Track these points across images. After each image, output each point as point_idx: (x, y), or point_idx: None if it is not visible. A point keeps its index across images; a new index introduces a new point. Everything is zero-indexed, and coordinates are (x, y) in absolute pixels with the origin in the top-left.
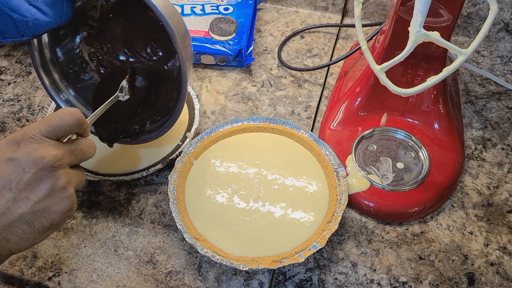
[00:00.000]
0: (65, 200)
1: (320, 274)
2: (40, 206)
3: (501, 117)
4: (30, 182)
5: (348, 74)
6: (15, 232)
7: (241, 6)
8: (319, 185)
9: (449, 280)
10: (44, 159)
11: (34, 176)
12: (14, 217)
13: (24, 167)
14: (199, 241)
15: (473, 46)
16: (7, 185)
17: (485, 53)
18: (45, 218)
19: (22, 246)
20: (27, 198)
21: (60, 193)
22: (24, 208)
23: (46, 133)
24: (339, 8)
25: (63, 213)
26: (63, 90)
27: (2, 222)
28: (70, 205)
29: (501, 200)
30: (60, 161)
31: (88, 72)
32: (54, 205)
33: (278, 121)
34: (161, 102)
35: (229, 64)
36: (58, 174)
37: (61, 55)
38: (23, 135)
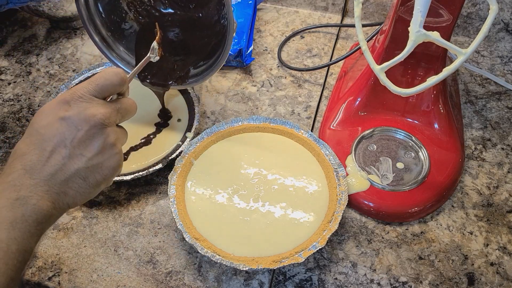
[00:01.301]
0: (115, 156)
1: (320, 274)
2: (94, 162)
3: (501, 117)
4: (83, 139)
5: (348, 74)
6: (72, 186)
7: (241, 6)
8: (319, 185)
9: (449, 280)
10: (95, 117)
11: (86, 133)
12: (70, 172)
13: (76, 125)
14: (199, 241)
15: (473, 46)
16: (62, 142)
17: (485, 53)
18: (98, 173)
19: (78, 200)
20: (81, 154)
21: (111, 149)
22: (79, 163)
23: (94, 93)
24: (339, 8)
25: (114, 168)
26: (112, 45)
27: (60, 177)
28: (120, 160)
29: (501, 200)
30: (109, 119)
31: (128, 21)
32: (106, 161)
33: (278, 121)
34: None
35: (229, 64)
36: (108, 131)
37: (102, 8)
38: (72, 94)
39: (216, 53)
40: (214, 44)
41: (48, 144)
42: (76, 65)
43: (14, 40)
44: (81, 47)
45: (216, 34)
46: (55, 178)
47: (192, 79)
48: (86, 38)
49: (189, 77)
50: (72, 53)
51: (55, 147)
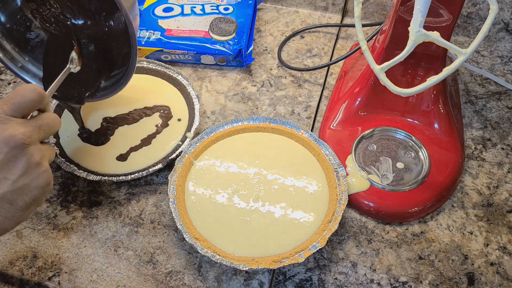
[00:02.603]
0: (43, 174)
1: (320, 274)
2: (19, 184)
3: (501, 117)
4: (5, 161)
5: (348, 74)
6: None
7: (241, 6)
8: (319, 185)
9: (449, 280)
10: (15, 138)
11: (7, 156)
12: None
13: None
14: (199, 241)
15: (473, 46)
16: None
17: (485, 53)
18: (26, 195)
19: (8, 225)
20: (5, 178)
21: (37, 168)
22: (4, 187)
23: (11, 112)
24: (339, 8)
25: (42, 187)
26: (17, 58)
27: None
28: (47, 179)
29: (501, 200)
30: (30, 137)
31: (34, 30)
32: (33, 181)
33: (278, 121)
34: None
35: (229, 64)
36: (31, 150)
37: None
38: None
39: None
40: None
41: None
42: None
43: None
44: None
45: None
46: None
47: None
48: None
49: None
50: None
51: None
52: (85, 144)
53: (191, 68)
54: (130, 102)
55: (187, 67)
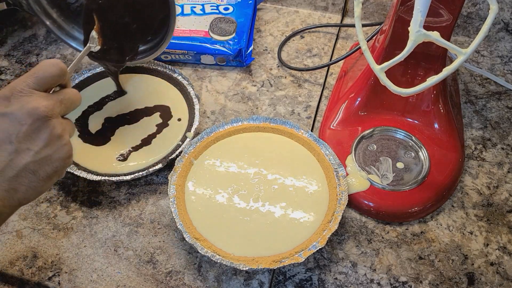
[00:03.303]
0: (64, 147)
1: (320, 274)
2: (42, 155)
3: (501, 117)
4: (28, 133)
5: (348, 74)
6: (22, 182)
7: (241, 6)
8: (319, 185)
9: (449, 280)
10: (38, 110)
11: (31, 127)
12: (19, 168)
13: (19, 120)
14: (199, 241)
15: (473, 46)
16: (7, 138)
17: (485, 53)
18: (48, 165)
19: (30, 196)
20: (28, 149)
21: (58, 140)
22: (27, 158)
23: (34, 86)
24: (339, 8)
25: (63, 159)
26: (63, 26)
27: (9, 173)
28: (69, 151)
29: (501, 200)
30: (52, 110)
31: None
32: (54, 153)
33: (278, 121)
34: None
35: (229, 64)
36: (53, 123)
37: None
38: (11, 90)
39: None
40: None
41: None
42: None
43: (14, 40)
44: None
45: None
46: (3, 175)
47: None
48: None
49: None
50: (72, 53)
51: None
52: (85, 144)
53: (191, 68)
54: (131, 102)
55: (187, 67)
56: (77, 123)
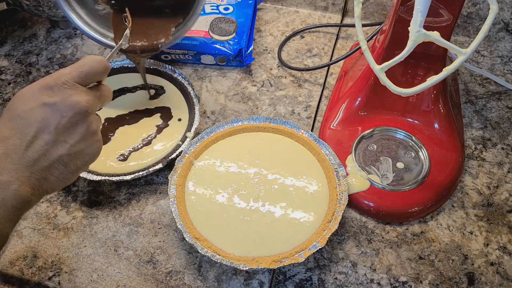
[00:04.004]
0: (96, 143)
1: (320, 274)
2: (76, 149)
3: (501, 117)
4: (67, 126)
5: (348, 74)
6: (53, 172)
7: (241, 6)
8: (319, 185)
9: (449, 280)
10: (80, 104)
11: (70, 120)
12: (53, 158)
13: (61, 111)
14: (199, 240)
15: (473, 46)
16: (46, 128)
17: (485, 53)
18: (79, 159)
19: (58, 186)
20: (65, 141)
21: (93, 136)
22: (62, 150)
23: (78, 80)
24: (339, 8)
25: (93, 154)
26: (88, 21)
27: (43, 163)
28: (99, 147)
29: (501, 200)
30: (92, 106)
31: (100, 4)
32: (87, 148)
33: (278, 121)
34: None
35: (229, 64)
36: (91, 119)
37: None
38: (55, 80)
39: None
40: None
41: (31, 129)
42: None
43: (14, 40)
44: (81, 47)
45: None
46: (38, 164)
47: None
48: (87, 38)
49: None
50: (72, 53)
51: (38, 133)
52: None
53: (191, 68)
54: (131, 102)
55: (187, 67)
56: None
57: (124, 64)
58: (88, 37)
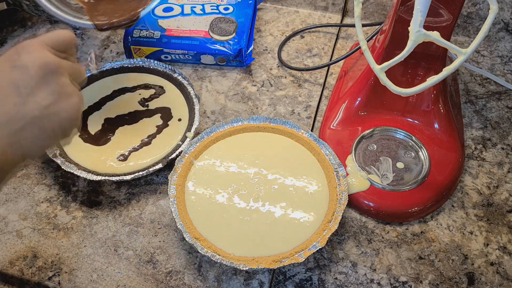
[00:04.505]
0: (73, 106)
1: (320, 274)
2: (50, 110)
3: (501, 117)
4: (38, 86)
5: (348, 74)
6: (27, 136)
7: (241, 6)
8: (319, 185)
9: (449, 279)
10: (49, 64)
11: (41, 80)
12: (25, 120)
13: (30, 72)
14: (199, 240)
15: (473, 46)
16: (16, 90)
17: (485, 53)
18: (55, 122)
19: (34, 152)
20: (36, 102)
21: (67, 98)
22: (35, 111)
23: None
24: (339, 8)
25: (71, 119)
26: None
27: (14, 126)
28: (77, 111)
29: (501, 200)
30: (63, 68)
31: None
32: (62, 110)
33: (278, 121)
34: None
35: (229, 64)
36: (63, 80)
37: None
38: (23, 45)
39: None
40: None
41: (1, 93)
42: None
43: (14, 40)
44: (81, 47)
45: None
46: (8, 127)
47: None
48: (86, 38)
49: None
50: None
51: (7, 95)
52: (85, 144)
53: (191, 68)
54: (131, 102)
55: (187, 67)
56: None
57: (124, 64)
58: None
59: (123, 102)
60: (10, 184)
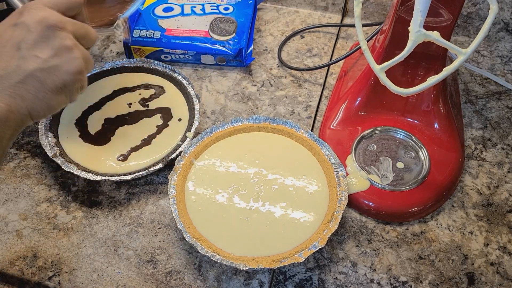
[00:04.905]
0: (74, 60)
1: (320, 274)
2: (50, 64)
3: (501, 116)
4: (37, 40)
5: (348, 74)
6: (28, 89)
7: (241, 6)
8: (319, 185)
9: (449, 279)
10: (48, 19)
11: (40, 35)
12: (25, 73)
13: (29, 27)
14: (199, 240)
15: (473, 46)
16: (15, 45)
17: (485, 52)
18: (56, 76)
19: (39, 107)
20: (36, 56)
21: (68, 53)
22: (34, 64)
23: (49, 4)
24: (339, 8)
25: (73, 73)
26: None
27: (14, 78)
28: (79, 66)
29: (501, 200)
30: (64, 23)
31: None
32: (63, 64)
33: (278, 121)
34: None
35: (229, 64)
36: (63, 34)
37: None
38: (25, 6)
39: None
40: None
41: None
42: None
43: None
44: None
45: None
46: (9, 79)
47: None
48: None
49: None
50: None
51: (7, 51)
52: (85, 144)
53: (191, 68)
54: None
55: (187, 67)
56: (77, 123)
57: (124, 64)
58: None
59: (123, 102)
60: (10, 184)
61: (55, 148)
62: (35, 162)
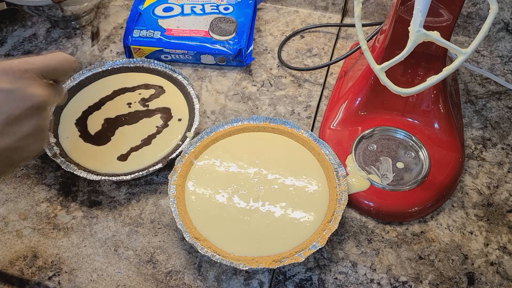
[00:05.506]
0: (42, 141)
1: (320, 273)
2: (23, 143)
3: (501, 116)
4: (20, 117)
5: (348, 74)
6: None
7: (241, 5)
8: (319, 184)
9: (449, 279)
10: (37, 98)
11: (25, 112)
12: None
13: (17, 101)
14: (199, 240)
15: (473, 45)
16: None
17: (485, 52)
18: (21, 155)
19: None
20: (14, 133)
21: (42, 133)
22: (8, 142)
23: (41, 73)
24: (339, 7)
25: (36, 152)
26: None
27: None
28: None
29: (501, 199)
30: (48, 102)
31: None
32: (33, 144)
33: (278, 121)
34: None
35: (229, 63)
36: (45, 115)
37: None
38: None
39: None
40: None
41: None
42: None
43: (14, 40)
44: (81, 46)
45: None
46: None
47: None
48: (86, 38)
49: None
50: (72, 53)
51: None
52: (85, 144)
53: (191, 68)
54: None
55: (187, 67)
56: (77, 123)
57: (124, 64)
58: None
59: (123, 102)
60: (10, 184)
61: (55, 148)
62: (35, 162)
